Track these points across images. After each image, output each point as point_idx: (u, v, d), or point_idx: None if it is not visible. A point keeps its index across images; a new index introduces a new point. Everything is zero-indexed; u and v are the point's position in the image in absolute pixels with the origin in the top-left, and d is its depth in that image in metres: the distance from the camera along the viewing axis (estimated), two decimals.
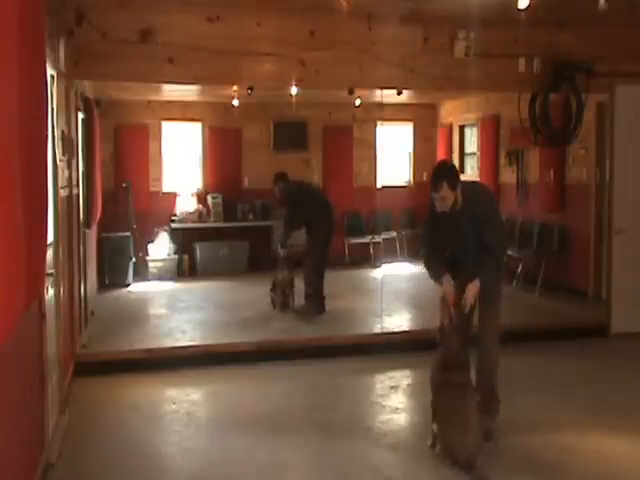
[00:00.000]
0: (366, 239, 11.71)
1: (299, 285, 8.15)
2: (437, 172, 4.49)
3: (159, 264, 10.59)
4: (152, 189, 11.07)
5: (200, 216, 11.06)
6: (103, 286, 9.72)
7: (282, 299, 8.17)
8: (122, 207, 10.53)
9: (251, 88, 7.66)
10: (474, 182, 4.73)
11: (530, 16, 5.48)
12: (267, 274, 8.69)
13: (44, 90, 2.79)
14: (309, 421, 4.94)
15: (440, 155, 12.40)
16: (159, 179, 11.20)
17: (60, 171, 5.07)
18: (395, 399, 5.49)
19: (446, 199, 4.41)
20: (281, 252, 8.27)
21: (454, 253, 4.79)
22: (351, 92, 7.86)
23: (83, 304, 6.87)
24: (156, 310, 8.64)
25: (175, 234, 10.88)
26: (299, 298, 8.09)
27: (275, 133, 11.65)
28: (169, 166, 11.35)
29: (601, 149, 8.22)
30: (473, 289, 4.52)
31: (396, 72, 6.62)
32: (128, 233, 10.29)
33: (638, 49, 6.96)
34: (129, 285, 10.03)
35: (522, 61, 6.81)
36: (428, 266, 4.76)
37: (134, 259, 10.29)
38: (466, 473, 3.96)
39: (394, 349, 6.56)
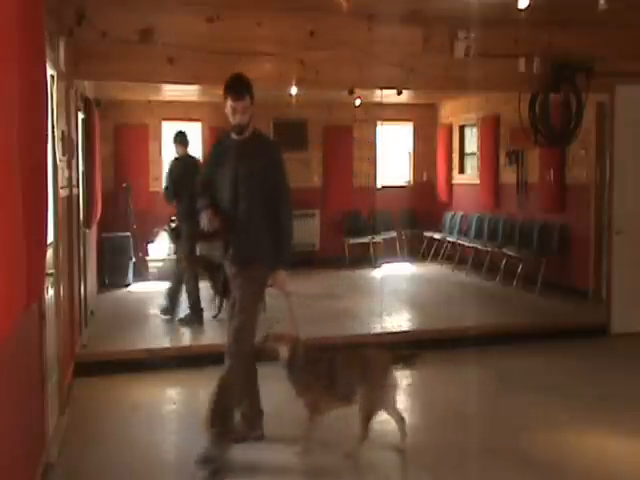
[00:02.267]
0: (366, 239, 11.71)
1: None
2: (239, 80, 4.24)
3: (159, 264, 10.59)
4: (152, 189, 11.06)
5: None
6: (103, 286, 9.72)
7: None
8: (122, 207, 10.53)
9: None
10: None
11: (530, 16, 5.49)
12: None
13: (44, 90, 2.79)
14: None
15: (440, 155, 12.41)
16: (159, 179, 11.18)
17: (60, 171, 5.07)
18: None
19: (247, 110, 4.20)
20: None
21: (227, 199, 4.31)
22: (351, 92, 7.85)
23: (83, 304, 6.87)
24: (156, 310, 8.63)
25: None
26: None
27: (275, 133, 11.64)
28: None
29: (601, 149, 8.22)
30: (280, 279, 4.30)
31: (396, 72, 6.62)
32: (128, 233, 10.29)
33: (638, 49, 6.96)
34: (129, 285, 10.03)
35: (522, 61, 6.81)
36: (198, 197, 4.44)
37: (134, 259, 10.29)
38: None
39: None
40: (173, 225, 8.27)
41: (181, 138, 7.79)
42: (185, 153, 7.81)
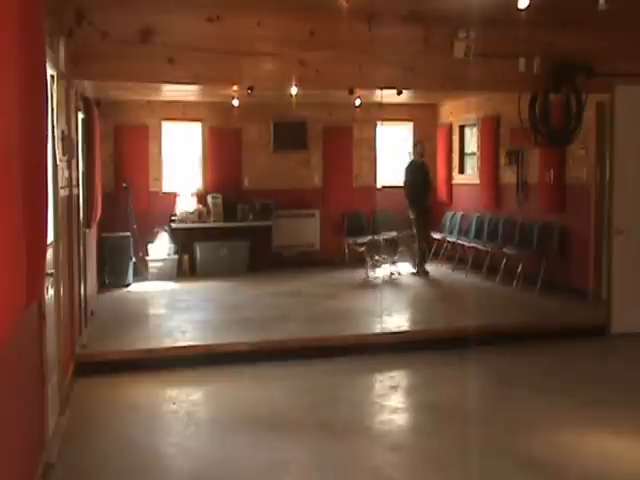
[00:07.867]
0: (366, 239, 11.70)
1: None
2: None
3: (159, 264, 10.58)
4: (152, 189, 11.07)
5: (200, 216, 11.05)
6: (103, 286, 9.72)
7: None
8: (122, 207, 10.53)
9: (251, 88, 7.66)
10: None
11: (530, 16, 5.49)
12: (267, 274, 8.68)
13: (44, 90, 2.79)
14: (309, 421, 4.94)
15: (440, 155, 12.41)
16: (159, 179, 11.20)
17: (60, 171, 5.07)
18: (395, 399, 5.49)
19: None
20: None
21: None
22: (351, 92, 7.86)
23: (83, 304, 6.86)
24: (156, 310, 8.64)
25: (175, 234, 10.87)
26: None
27: (275, 133, 11.64)
28: (169, 166, 11.35)
29: (601, 149, 8.21)
30: None
31: (396, 72, 6.63)
32: (128, 233, 10.29)
33: (638, 49, 6.96)
34: (129, 285, 10.03)
35: (522, 61, 6.81)
36: None
37: (134, 259, 10.29)
38: None
39: (394, 349, 6.56)
40: None
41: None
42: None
